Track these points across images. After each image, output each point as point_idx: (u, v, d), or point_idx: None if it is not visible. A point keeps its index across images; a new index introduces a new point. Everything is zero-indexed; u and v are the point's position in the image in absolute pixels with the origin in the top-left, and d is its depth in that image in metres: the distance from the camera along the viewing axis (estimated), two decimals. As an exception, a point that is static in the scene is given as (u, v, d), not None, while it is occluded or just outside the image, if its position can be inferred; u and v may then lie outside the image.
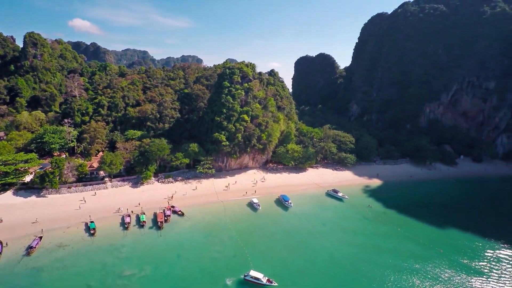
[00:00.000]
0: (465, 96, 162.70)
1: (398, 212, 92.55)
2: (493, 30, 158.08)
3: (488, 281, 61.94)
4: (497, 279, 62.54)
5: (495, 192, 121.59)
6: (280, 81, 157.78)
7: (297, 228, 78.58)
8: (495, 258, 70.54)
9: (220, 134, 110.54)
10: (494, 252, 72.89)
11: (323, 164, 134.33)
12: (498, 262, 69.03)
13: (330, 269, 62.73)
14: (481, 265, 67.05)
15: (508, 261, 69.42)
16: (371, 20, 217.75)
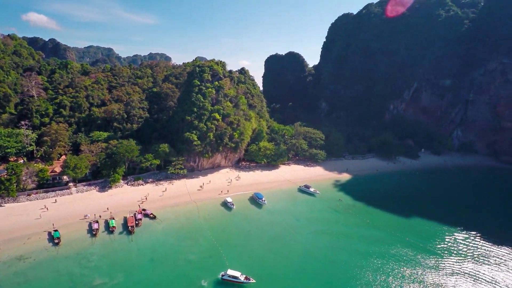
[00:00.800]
0: (424, 93, 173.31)
1: (367, 204, 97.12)
2: (448, 32, 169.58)
3: (447, 261, 67.70)
4: (455, 260, 68.39)
5: (452, 182, 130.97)
6: (250, 79, 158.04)
7: (271, 225, 79.55)
8: (453, 241, 76.95)
9: (191, 134, 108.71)
10: (452, 236, 79.46)
11: (295, 160, 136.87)
12: (455, 243, 75.65)
13: (305, 262, 64.36)
14: (442, 248, 73.01)
15: (464, 243, 75.97)
16: (338, 20, 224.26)
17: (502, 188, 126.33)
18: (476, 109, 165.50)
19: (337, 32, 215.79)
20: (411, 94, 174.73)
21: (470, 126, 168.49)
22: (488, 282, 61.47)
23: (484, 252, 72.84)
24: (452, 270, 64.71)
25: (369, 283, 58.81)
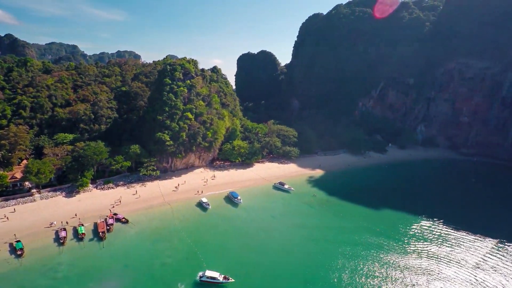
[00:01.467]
0: (390, 91, 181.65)
1: (340, 198, 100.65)
2: (411, 33, 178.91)
3: (414, 245, 73.30)
4: (420, 244, 74.18)
5: (417, 173, 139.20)
6: (223, 78, 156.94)
7: (248, 223, 79.92)
8: (418, 227, 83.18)
9: (163, 134, 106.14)
10: (417, 223, 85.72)
11: (269, 158, 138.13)
12: (420, 230, 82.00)
13: (283, 257, 65.48)
14: (409, 234, 78.68)
15: (428, 229, 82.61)
16: (309, 20, 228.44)
17: (460, 177, 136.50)
18: (437, 106, 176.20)
19: (308, 32, 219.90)
20: (379, 92, 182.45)
21: (432, 121, 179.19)
22: (449, 261, 67.30)
23: (445, 236, 79.76)
24: (418, 254, 69.96)
25: (344, 272, 61.11)
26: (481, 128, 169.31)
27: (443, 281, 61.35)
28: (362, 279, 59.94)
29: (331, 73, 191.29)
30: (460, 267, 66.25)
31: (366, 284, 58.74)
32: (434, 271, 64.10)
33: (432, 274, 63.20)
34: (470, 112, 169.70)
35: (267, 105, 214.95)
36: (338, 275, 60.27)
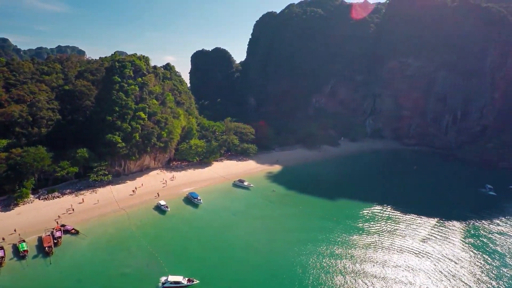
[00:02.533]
0: (341, 88, 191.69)
1: (298, 192, 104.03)
2: (358, 33, 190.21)
3: (368, 231, 79.26)
4: (373, 229, 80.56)
5: (368, 163, 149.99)
6: (177, 76, 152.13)
7: (209, 223, 78.78)
8: (371, 214, 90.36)
9: (114, 135, 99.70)
10: (369, 210, 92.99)
11: (228, 156, 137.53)
12: (373, 215, 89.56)
13: (246, 254, 65.76)
14: (363, 221, 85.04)
15: (380, 215, 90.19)
16: (262, 18, 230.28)
17: (404, 165, 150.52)
18: (382, 101, 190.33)
19: (262, 30, 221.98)
20: (330, 88, 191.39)
21: (378, 115, 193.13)
22: (400, 239, 75.02)
23: (395, 218, 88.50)
24: (372, 238, 76.13)
25: (308, 262, 63.37)
26: (420, 120, 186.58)
27: (397, 256, 68.60)
28: (325, 266, 62.78)
29: (286, 71, 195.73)
30: (409, 243, 74.21)
31: (329, 270, 61.62)
32: (388, 249, 70.88)
33: (386, 252, 69.66)
34: (410, 107, 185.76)
35: (223, 102, 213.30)
36: (302, 266, 62.32)
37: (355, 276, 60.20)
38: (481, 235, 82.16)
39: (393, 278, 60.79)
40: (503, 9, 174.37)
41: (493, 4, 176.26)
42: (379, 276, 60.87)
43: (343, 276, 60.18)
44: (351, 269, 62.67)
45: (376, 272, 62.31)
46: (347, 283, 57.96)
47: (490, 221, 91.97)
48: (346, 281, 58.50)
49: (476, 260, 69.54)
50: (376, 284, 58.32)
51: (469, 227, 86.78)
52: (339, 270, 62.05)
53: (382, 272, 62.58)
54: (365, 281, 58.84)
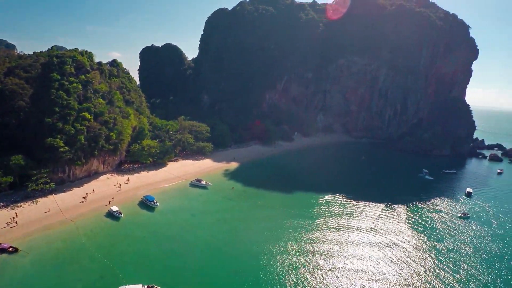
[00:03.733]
0: (293, 85, 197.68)
1: (257, 188, 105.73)
2: (308, 32, 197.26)
3: (323, 219, 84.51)
4: (330, 218, 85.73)
5: (320, 156, 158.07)
6: (125, 73, 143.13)
7: (167, 226, 75.89)
8: (325, 203, 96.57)
9: (55, 139, 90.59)
10: (325, 200, 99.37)
11: (183, 156, 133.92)
12: (328, 204, 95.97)
13: (209, 254, 64.56)
14: (318, 211, 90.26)
15: (334, 203, 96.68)
16: (214, 14, 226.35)
17: (353, 156, 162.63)
18: (332, 97, 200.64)
19: (214, 26, 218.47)
20: (283, 85, 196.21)
21: (329, 110, 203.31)
22: (351, 228, 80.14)
23: (347, 206, 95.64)
24: (327, 225, 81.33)
25: (271, 256, 64.26)
26: (366, 114, 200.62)
27: (352, 240, 74.13)
28: (287, 258, 64.34)
29: (239, 68, 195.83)
30: (362, 227, 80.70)
31: (291, 261, 63.32)
32: (344, 235, 76.19)
33: (343, 238, 74.62)
34: (357, 102, 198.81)
35: (176, 101, 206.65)
36: (265, 260, 63.08)
37: (315, 264, 62.72)
38: (422, 215, 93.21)
39: (351, 261, 64.86)
40: (432, 14, 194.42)
41: (425, 9, 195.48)
42: (338, 262, 64.30)
43: (304, 265, 62.36)
44: (311, 258, 65.19)
45: (335, 258, 65.71)
46: (307, 272, 60.12)
47: (428, 202, 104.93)
48: (307, 270, 60.67)
49: (419, 237, 78.32)
50: (336, 270, 61.46)
51: (412, 209, 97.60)
52: (299, 260, 64.16)
53: (341, 257, 66.22)
54: (325, 268, 61.64)
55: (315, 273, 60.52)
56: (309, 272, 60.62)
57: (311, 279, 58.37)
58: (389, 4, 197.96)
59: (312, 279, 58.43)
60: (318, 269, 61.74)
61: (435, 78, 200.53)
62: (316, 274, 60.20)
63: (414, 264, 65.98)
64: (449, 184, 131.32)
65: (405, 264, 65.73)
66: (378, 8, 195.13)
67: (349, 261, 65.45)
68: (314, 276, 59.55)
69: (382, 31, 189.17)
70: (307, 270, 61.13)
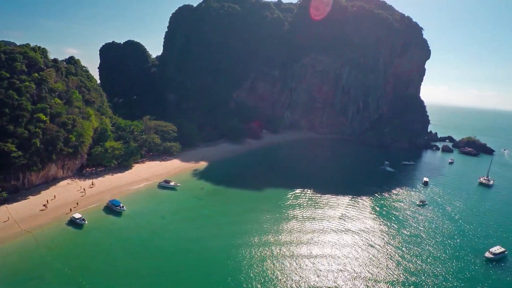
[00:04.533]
0: (260, 83, 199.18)
1: (227, 186, 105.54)
2: (274, 31, 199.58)
3: (293, 212, 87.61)
4: (299, 212, 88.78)
5: (288, 153, 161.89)
6: (84, 71, 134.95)
7: (136, 231, 72.98)
8: (294, 198, 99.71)
9: (6, 143, 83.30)
10: (294, 195, 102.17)
11: (149, 157, 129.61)
12: (297, 199, 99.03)
13: (181, 257, 63.31)
14: (288, 205, 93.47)
15: (302, 198, 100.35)
16: (179, 11, 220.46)
17: (319, 151, 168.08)
18: (298, 94, 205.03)
19: (179, 23, 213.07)
20: (250, 83, 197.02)
21: (295, 108, 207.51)
22: (320, 220, 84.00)
23: (316, 199, 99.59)
24: (296, 218, 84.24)
25: (240, 255, 64.21)
26: (331, 111, 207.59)
27: (320, 233, 76.90)
28: (258, 254, 65.02)
29: (206, 66, 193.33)
30: (330, 220, 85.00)
31: (262, 257, 64.00)
32: (312, 228, 78.90)
33: (311, 231, 77.18)
34: (322, 99, 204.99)
35: (140, 100, 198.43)
36: (236, 259, 63.12)
37: (284, 259, 63.89)
38: (384, 205, 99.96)
39: (319, 253, 67.18)
40: (389, 16, 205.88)
41: (383, 12, 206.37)
42: (307, 255, 66.15)
43: (273, 260, 63.30)
44: (280, 253, 66.37)
45: (304, 251, 67.60)
46: (277, 267, 61.08)
47: (390, 191, 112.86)
48: (276, 266, 61.60)
49: (383, 224, 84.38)
50: (305, 263, 63.17)
51: (375, 199, 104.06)
52: (269, 255, 65.08)
53: (309, 250, 68.34)
54: (294, 262, 63.09)
55: (285, 263, 62.25)
56: (280, 263, 62.20)
57: (282, 269, 59.84)
58: (350, 5, 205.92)
59: (282, 269, 60.01)
60: (289, 259, 63.46)
61: (393, 76, 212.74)
62: (286, 264, 61.90)
63: (380, 249, 70.83)
64: (408, 174, 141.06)
65: (372, 248, 70.53)
66: (341, 9, 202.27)
67: (318, 250, 68.33)
68: (284, 266, 61.24)
69: (344, 31, 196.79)
70: (278, 261, 62.65)
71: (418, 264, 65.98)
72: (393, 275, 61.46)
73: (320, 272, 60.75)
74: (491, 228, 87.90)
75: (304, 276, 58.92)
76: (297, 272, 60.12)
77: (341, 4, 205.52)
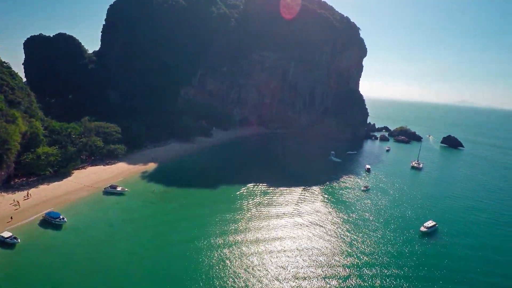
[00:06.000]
0: (208, 79, 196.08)
1: (179, 187, 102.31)
2: (221, 27, 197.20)
3: (250, 209, 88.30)
4: (255, 206, 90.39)
5: (240, 149, 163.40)
6: (5, 67, 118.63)
7: (81, 244, 66.20)
8: (248, 193, 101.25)
9: None
10: (249, 189, 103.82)
11: (92, 161, 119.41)
12: (252, 193, 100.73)
13: (135, 266, 59.26)
14: (242, 200, 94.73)
15: (257, 192, 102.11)
16: (118, 3, 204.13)
17: (271, 146, 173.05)
18: (247, 91, 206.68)
19: (119, 16, 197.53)
20: (198, 80, 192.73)
21: (245, 104, 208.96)
22: (275, 213, 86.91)
23: (270, 192, 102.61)
24: (252, 214, 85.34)
25: (196, 257, 62.58)
26: (279, 106, 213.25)
27: (276, 223, 80.00)
28: (213, 254, 63.89)
29: (151, 62, 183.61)
30: (285, 210, 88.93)
31: (219, 254, 63.52)
32: (268, 221, 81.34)
33: (267, 224, 79.45)
34: (270, 95, 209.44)
35: (77, 99, 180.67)
36: (192, 261, 61.34)
37: (245, 256, 64.04)
38: (334, 192, 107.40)
39: (277, 245, 68.96)
40: (330, 16, 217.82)
41: (324, 11, 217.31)
42: (267, 250, 67.05)
43: (232, 256, 63.24)
44: (238, 250, 66.22)
45: (264, 246, 68.39)
46: (236, 265, 60.92)
47: (337, 180, 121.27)
48: (234, 264, 61.38)
49: (334, 211, 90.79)
50: (265, 257, 64.14)
51: (325, 188, 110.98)
52: (228, 252, 64.73)
53: (268, 244, 69.49)
54: (255, 258, 63.60)
55: (244, 260, 62.32)
56: (238, 260, 62.10)
57: (240, 267, 59.81)
58: (294, 4, 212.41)
59: (241, 267, 60.02)
60: (246, 256, 63.66)
61: (335, 72, 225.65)
62: (245, 261, 61.99)
63: (333, 233, 76.40)
64: (352, 163, 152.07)
65: (327, 234, 75.52)
66: (287, 6, 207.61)
67: (276, 244, 69.74)
68: (242, 263, 61.28)
69: (290, 29, 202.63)
70: (236, 259, 62.45)
71: (368, 244, 72.23)
72: (348, 256, 66.45)
73: (282, 263, 62.25)
74: (423, 205, 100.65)
75: (266, 270, 59.69)
76: (260, 267, 60.61)
77: (287, 2, 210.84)
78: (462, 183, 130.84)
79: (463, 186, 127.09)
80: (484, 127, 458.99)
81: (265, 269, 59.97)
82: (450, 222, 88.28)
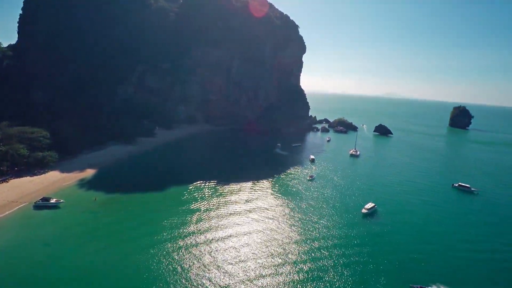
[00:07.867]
0: (149, 76, 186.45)
1: (124, 193, 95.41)
2: (159, 21, 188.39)
3: (198, 206, 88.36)
4: (206, 204, 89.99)
5: (186, 148, 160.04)
6: None
7: (10, 269, 57.12)
8: (198, 190, 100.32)
9: None
10: (198, 188, 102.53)
11: (15, 172, 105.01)
12: (202, 192, 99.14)
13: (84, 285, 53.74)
14: (194, 198, 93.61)
15: (205, 190, 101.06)
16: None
17: (218, 143, 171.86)
18: (191, 87, 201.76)
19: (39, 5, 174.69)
20: (137, 77, 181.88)
21: (189, 101, 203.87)
22: (225, 207, 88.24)
23: (220, 189, 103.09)
24: (204, 213, 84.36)
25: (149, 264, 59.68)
26: (224, 103, 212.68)
27: (228, 220, 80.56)
28: (168, 259, 61.68)
29: (82, 58, 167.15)
30: (236, 205, 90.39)
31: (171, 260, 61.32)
32: (221, 217, 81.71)
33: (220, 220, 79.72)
34: (215, 91, 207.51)
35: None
36: (146, 269, 58.36)
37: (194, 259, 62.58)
38: (282, 184, 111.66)
39: (231, 242, 68.92)
40: (271, 13, 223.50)
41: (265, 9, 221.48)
42: (223, 247, 66.73)
43: (182, 264, 61.10)
44: (190, 254, 64.28)
45: (213, 245, 67.65)
46: (189, 269, 59.53)
47: (285, 172, 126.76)
48: (187, 268, 60.09)
49: (283, 202, 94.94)
50: (218, 254, 63.86)
51: (273, 180, 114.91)
52: (178, 259, 62.67)
53: (223, 241, 69.41)
54: (208, 256, 62.85)
55: (196, 264, 60.84)
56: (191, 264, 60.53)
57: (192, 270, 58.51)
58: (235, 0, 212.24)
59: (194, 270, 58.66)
60: (198, 259, 62.22)
61: (277, 68, 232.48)
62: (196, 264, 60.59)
63: (284, 223, 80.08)
64: (297, 154, 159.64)
65: (278, 223, 79.21)
66: (225, 2, 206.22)
67: (230, 242, 69.68)
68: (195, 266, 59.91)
69: (232, 25, 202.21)
70: (188, 263, 60.80)
71: (317, 230, 77.21)
72: (301, 244, 69.96)
73: (237, 259, 62.54)
74: (363, 189, 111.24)
75: (221, 266, 59.76)
76: (212, 266, 60.12)
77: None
78: (394, 168, 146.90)
79: (394, 170, 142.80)
80: (408, 116, 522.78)
81: (219, 267, 59.62)
82: (386, 203, 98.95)
